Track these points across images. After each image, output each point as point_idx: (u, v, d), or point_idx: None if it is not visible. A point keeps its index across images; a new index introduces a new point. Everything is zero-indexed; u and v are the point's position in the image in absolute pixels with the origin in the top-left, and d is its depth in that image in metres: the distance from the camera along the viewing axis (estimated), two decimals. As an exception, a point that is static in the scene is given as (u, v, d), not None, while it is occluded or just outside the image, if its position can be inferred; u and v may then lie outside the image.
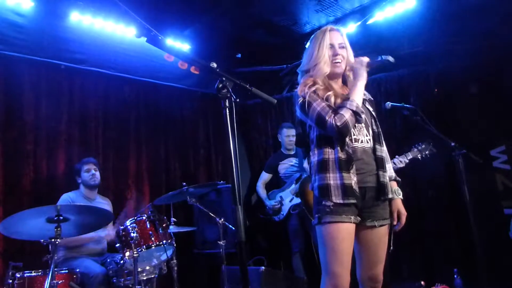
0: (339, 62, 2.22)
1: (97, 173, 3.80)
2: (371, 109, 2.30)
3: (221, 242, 3.59)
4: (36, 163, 3.91)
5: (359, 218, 2.09)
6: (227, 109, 1.58)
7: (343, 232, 2.04)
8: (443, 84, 4.46)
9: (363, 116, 2.14)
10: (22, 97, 3.94)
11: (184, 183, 3.69)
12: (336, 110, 2.10)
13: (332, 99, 2.15)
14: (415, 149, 3.55)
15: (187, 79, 5.16)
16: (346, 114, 2.06)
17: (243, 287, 1.53)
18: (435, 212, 4.38)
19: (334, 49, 2.22)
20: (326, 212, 2.06)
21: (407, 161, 3.55)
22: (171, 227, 3.50)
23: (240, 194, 1.54)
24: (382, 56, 2.19)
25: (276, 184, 4.91)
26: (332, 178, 2.09)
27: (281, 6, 4.30)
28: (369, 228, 2.14)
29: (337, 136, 2.09)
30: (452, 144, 3.02)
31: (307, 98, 2.14)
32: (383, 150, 2.24)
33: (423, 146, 3.53)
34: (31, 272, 2.77)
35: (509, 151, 4.12)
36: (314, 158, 2.19)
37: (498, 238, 3.99)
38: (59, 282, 2.75)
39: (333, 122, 2.05)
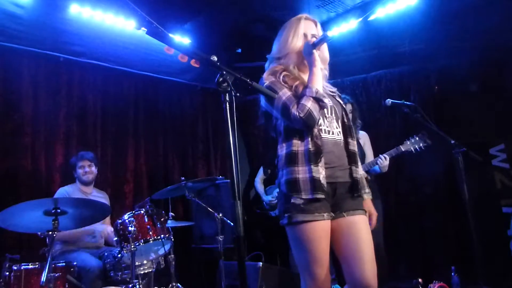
0: None
1: (93, 169, 3.76)
2: (341, 102, 2.18)
3: (219, 237, 3.59)
4: (34, 155, 3.90)
5: (332, 214, 1.95)
6: (227, 103, 1.56)
7: (319, 231, 1.89)
8: (444, 82, 4.45)
9: (326, 100, 2.01)
10: (21, 89, 3.91)
11: (183, 178, 3.68)
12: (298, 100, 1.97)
13: (300, 89, 2.01)
14: (408, 142, 3.49)
15: (186, 74, 5.14)
16: (308, 103, 1.91)
17: (241, 283, 1.52)
18: (434, 209, 4.39)
19: (307, 39, 2.11)
20: (297, 211, 1.89)
21: (393, 155, 3.51)
22: (169, 221, 3.49)
23: (239, 189, 1.53)
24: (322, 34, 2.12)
25: (274, 179, 4.91)
26: (301, 172, 1.92)
27: (282, 1, 4.28)
28: (341, 220, 1.96)
29: (303, 127, 1.95)
30: (452, 142, 3.01)
31: (273, 86, 2.01)
32: (355, 144, 2.10)
33: (417, 138, 3.46)
34: (28, 265, 2.75)
35: (508, 149, 4.12)
36: (282, 151, 2.02)
37: (496, 236, 4.00)
38: (56, 275, 2.74)
39: (297, 113, 1.91)
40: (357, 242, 1.94)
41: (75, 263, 3.04)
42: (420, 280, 3.47)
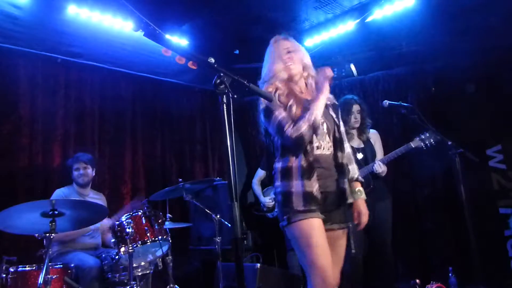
0: (291, 64, 2.30)
1: (88, 171, 3.73)
2: (334, 115, 2.31)
3: (216, 239, 3.59)
4: (31, 156, 3.89)
5: (323, 216, 2.11)
6: (225, 105, 1.56)
7: (317, 226, 2.06)
8: (441, 83, 4.47)
9: (321, 128, 2.18)
10: (18, 90, 3.91)
11: (180, 179, 3.68)
12: (294, 120, 2.15)
13: (294, 109, 2.19)
14: (417, 139, 3.50)
15: (184, 75, 5.14)
16: (303, 127, 2.10)
17: (239, 284, 1.52)
18: (431, 210, 4.40)
19: (284, 55, 2.33)
20: (294, 213, 2.08)
21: (399, 155, 3.53)
22: (166, 223, 3.49)
23: (237, 191, 1.53)
24: (346, 67, 2.23)
25: (272, 181, 4.90)
26: (295, 186, 2.12)
27: (280, 2, 4.28)
28: (328, 231, 2.13)
29: (293, 147, 2.15)
30: (449, 143, 3.02)
31: (270, 107, 2.20)
32: (345, 156, 2.28)
33: (427, 134, 3.47)
34: (25, 267, 2.75)
35: (505, 150, 4.14)
36: (279, 164, 2.24)
37: (493, 237, 4.01)
38: (54, 277, 2.73)
39: (290, 133, 2.10)
40: (334, 252, 2.14)
41: (72, 264, 3.03)
42: (417, 280, 3.48)
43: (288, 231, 2.12)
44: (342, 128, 2.34)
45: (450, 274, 3.47)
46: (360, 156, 3.70)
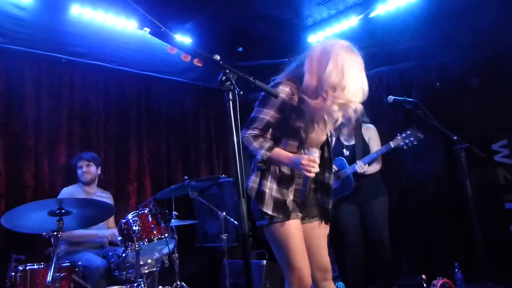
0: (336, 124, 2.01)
1: (91, 169, 3.76)
2: (329, 134, 2.20)
3: (222, 236, 3.60)
4: (37, 157, 3.91)
5: (300, 214, 2.13)
6: (231, 101, 1.56)
7: (294, 227, 2.06)
8: (445, 78, 4.44)
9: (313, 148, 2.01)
10: (23, 91, 3.93)
11: (186, 177, 3.69)
12: (263, 136, 2.02)
13: (291, 123, 2.02)
14: (398, 137, 3.44)
15: (188, 73, 5.15)
16: (257, 149, 1.97)
17: (246, 280, 1.52)
18: (437, 206, 4.38)
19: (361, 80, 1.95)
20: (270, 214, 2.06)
21: (378, 155, 3.49)
22: (172, 220, 3.50)
23: (244, 187, 1.53)
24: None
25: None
26: (268, 188, 2.06)
27: (283, -1, 4.29)
28: (307, 224, 2.17)
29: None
30: (454, 138, 3.00)
31: (267, 98, 2.03)
32: (331, 178, 2.21)
33: (408, 132, 3.41)
34: (33, 265, 2.77)
35: (511, 145, 4.11)
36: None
37: (499, 232, 3.99)
38: (61, 275, 2.76)
39: (247, 134, 2.00)
40: (319, 241, 2.20)
41: (79, 263, 3.06)
42: (423, 276, 3.47)
43: (268, 230, 2.09)
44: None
45: (456, 270, 3.46)
46: (346, 153, 3.66)
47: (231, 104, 1.56)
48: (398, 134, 3.47)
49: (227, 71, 1.57)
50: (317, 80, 1.95)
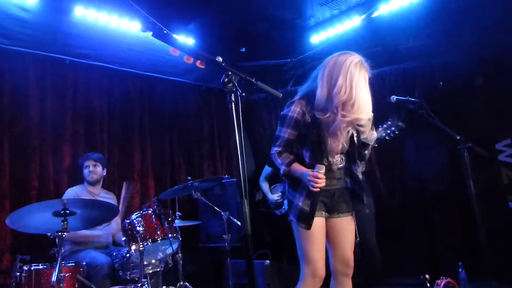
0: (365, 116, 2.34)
1: (98, 169, 3.80)
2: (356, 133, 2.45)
3: (226, 236, 3.61)
4: (42, 157, 3.94)
5: (327, 214, 2.40)
6: (233, 103, 1.57)
7: (316, 225, 2.32)
8: (448, 78, 4.43)
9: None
10: (27, 92, 3.95)
11: (189, 178, 3.71)
12: (287, 151, 2.38)
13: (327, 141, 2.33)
14: (380, 128, 3.44)
15: (191, 74, 5.16)
16: (280, 165, 2.35)
17: (249, 281, 1.53)
18: (440, 205, 4.37)
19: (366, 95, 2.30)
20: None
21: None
22: (176, 221, 3.52)
23: (246, 188, 1.54)
24: None
25: (279, 178, 4.90)
26: (297, 199, 2.35)
27: (285, -1, 4.29)
28: (336, 219, 2.42)
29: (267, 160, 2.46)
30: (458, 137, 3.00)
31: (288, 115, 2.34)
32: (354, 181, 2.46)
33: (388, 123, 3.40)
34: (38, 265, 2.80)
35: (515, 144, 4.10)
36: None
37: (503, 231, 3.98)
38: (66, 275, 2.77)
39: (273, 151, 2.39)
40: (345, 236, 2.45)
41: (84, 262, 3.08)
42: (427, 276, 3.46)
43: (293, 225, 2.38)
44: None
45: (460, 269, 3.46)
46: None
47: (233, 105, 1.57)
48: (380, 126, 3.44)
49: (230, 72, 1.58)
50: (327, 95, 2.23)
